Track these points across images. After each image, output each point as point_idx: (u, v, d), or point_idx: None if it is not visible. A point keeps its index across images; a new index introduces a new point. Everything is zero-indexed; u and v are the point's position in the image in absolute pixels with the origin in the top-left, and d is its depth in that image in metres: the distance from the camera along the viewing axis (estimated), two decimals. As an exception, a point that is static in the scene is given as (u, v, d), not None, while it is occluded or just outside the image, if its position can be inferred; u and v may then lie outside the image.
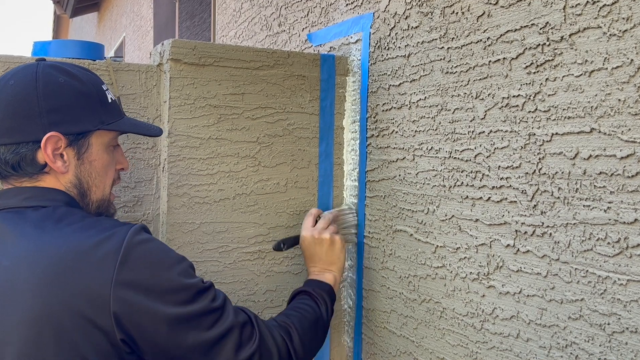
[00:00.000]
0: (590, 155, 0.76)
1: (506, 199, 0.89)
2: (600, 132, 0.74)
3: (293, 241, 1.24)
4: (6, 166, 0.87)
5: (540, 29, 0.82)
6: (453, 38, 0.99)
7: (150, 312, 0.80)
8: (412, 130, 1.11)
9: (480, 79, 0.93)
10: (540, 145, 0.83)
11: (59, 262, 0.78)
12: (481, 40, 0.93)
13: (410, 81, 1.11)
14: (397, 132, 1.16)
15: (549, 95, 0.81)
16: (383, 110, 1.20)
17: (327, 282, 1.14)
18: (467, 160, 0.97)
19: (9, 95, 0.85)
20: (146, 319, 0.80)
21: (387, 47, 1.18)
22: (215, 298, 0.88)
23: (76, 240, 0.80)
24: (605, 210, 0.74)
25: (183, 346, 0.83)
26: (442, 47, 1.02)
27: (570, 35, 0.78)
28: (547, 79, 0.82)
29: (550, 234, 0.81)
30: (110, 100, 0.95)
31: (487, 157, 0.92)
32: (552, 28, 0.81)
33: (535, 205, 0.84)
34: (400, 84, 1.14)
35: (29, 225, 0.82)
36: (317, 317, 1.05)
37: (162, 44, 1.18)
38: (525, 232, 0.85)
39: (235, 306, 0.93)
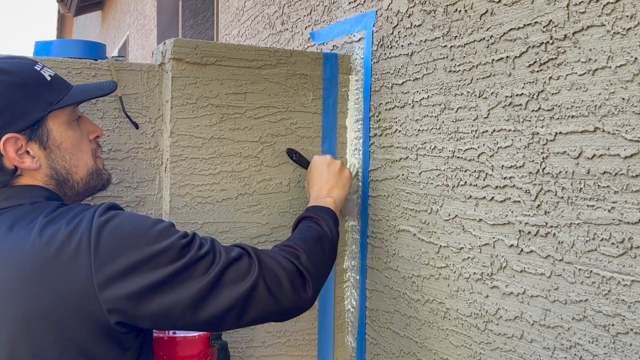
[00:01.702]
0: (594, 155, 0.75)
1: (510, 198, 0.88)
2: (604, 131, 0.74)
3: (304, 161, 1.23)
4: None
5: (544, 27, 0.82)
6: (456, 36, 0.98)
7: (139, 290, 0.79)
8: (415, 130, 1.10)
9: (483, 77, 0.93)
10: (544, 144, 0.82)
11: (36, 258, 0.77)
12: (484, 38, 0.92)
13: (413, 80, 1.10)
14: (400, 131, 1.15)
15: (552, 94, 0.81)
16: (386, 109, 1.20)
17: (326, 206, 1.10)
18: (470, 160, 0.96)
19: None
20: (138, 297, 0.79)
21: (390, 46, 1.18)
22: (203, 245, 0.85)
23: (49, 233, 0.79)
24: (609, 210, 0.73)
25: (181, 301, 0.81)
26: (445, 46, 1.01)
27: (573, 34, 0.77)
28: (550, 77, 0.81)
29: (554, 234, 0.81)
30: (49, 78, 0.90)
31: (491, 156, 0.92)
32: (555, 26, 0.80)
33: (539, 205, 0.83)
34: (403, 82, 1.14)
35: (5, 227, 0.82)
36: (321, 234, 1.02)
37: (164, 43, 1.17)
38: (529, 232, 0.85)
39: (231, 245, 0.91)
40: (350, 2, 1.34)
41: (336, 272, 1.34)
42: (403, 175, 1.14)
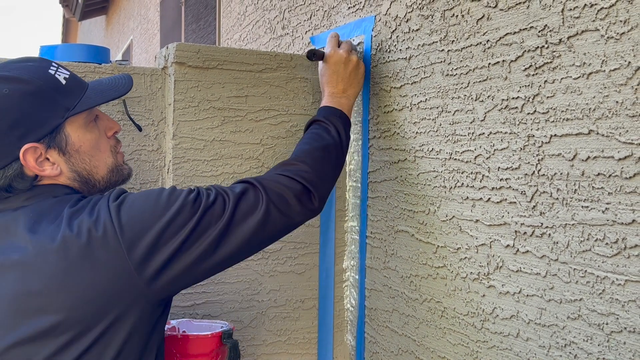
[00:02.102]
0: (589, 157, 0.76)
1: (506, 199, 0.89)
2: (598, 133, 0.75)
3: (321, 55, 1.19)
4: (0, 192, 0.86)
5: (539, 31, 0.83)
6: (453, 41, 1.00)
7: (171, 254, 0.82)
8: (413, 132, 1.12)
9: (480, 81, 0.94)
10: (539, 146, 0.83)
11: (69, 251, 0.79)
12: (481, 42, 0.94)
13: (411, 83, 1.12)
14: (398, 133, 1.17)
15: (547, 97, 0.82)
16: (384, 112, 1.21)
17: (340, 108, 1.12)
18: (467, 162, 0.97)
19: None
20: (171, 262, 0.83)
21: (388, 50, 1.19)
22: (209, 193, 0.89)
23: (76, 226, 0.81)
24: (603, 211, 0.75)
25: (209, 246, 0.85)
26: (443, 50, 1.03)
27: (568, 38, 0.79)
28: (545, 81, 0.82)
29: (550, 234, 0.82)
30: (64, 81, 0.89)
31: (487, 158, 0.93)
32: (550, 31, 0.81)
33: (534, 206, 0.84)
34: (401, 86, 1.15)
35: (32, 219, 0.83)
36: (328, 143, 1.05)
37: (167, 48, 1.19)
38: (525, 233, 0.86)
39: (233, 184, 0.95)
40: (349, 7, 1.36)
41: (335, 271, 1.35)
42: (401, 176, 1.16)
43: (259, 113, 1.24)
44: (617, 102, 0.73)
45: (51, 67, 0.89)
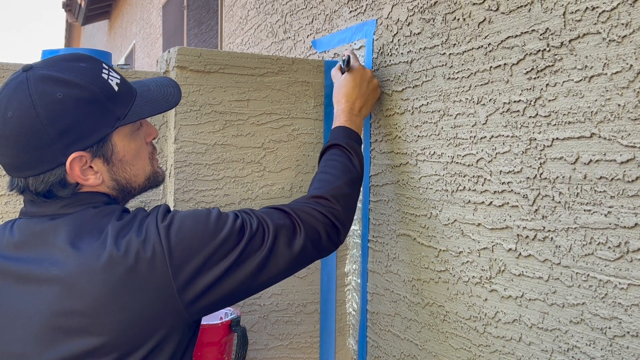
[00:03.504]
0: (591, 160, 0.76)
1: (508, 203, 0.89)
2: (600, 137, 0.75)
3: (348, 65, 1.18)
4: (38, 196, 0.84)
5: (541, 34, 0.83)
6: (455, 44, 1.00)
7: (214, 280, 0.83)
8: (414, 136, 1.12)
9: (481, 84, 0.94)
10: (541, 150, 0.83)
11: (116, 271, 0.77)
12: (482, 46, 0.94)
13: (413, 87, 1.12)
14: (400, 137, 1.16)
15: (549, 100, 0.82)
16: (386, 116, 1.21)
17: (356, 130, 1.13)
18: (469, 165, 0.97)
19: (13, 130, 0.79)
20: (213, 288, 0.83)
21: (389, 54, 1.19)
22: (251, 220, 0.89)
23: (124, 245, 0.79)
24: (605, 215, 0.74)
25: (248, 275, 0.86)
26: (444, 53, 1.03)
27: (570, 41, 0.79)
28: (547, 84, 0.82)
29: (552, 238, 0.82)
30: (117, 88, 0.86)
31: (489, 161, 0.93)
32: (552, 34, 0.81)
33: (536, 210, 0.84)
34: (403, 89, 1.15)
35: (73, 232, 0.81)
36: (354, 177, 1.06)
37: (169, 52, 1.20)
38: (527, 237, 0.86)
39: (269, 209, 0.95)
40: (351, 11, 1.36)
41: (337, 275, 1.35)
42: (403, 180, 1.16)
43: (261, 117, 1.24)
44: (619, 105, 0.72)
45: (103, 71, 0.86)
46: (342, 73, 1.18)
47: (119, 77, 0.88)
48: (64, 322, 0.77)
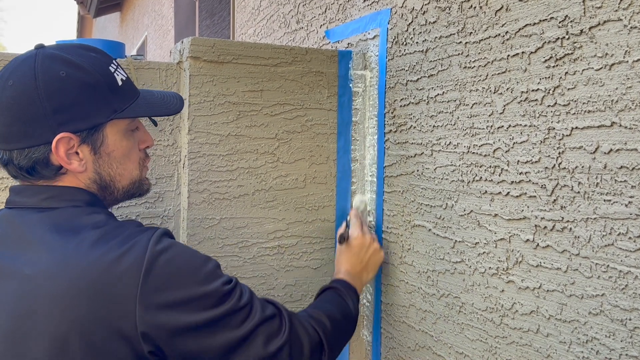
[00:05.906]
0: (611, 150, 0.75)
1: (525, 193, 0.88)
2: (621, 125, 0.74)
3: (347, 237, 1.21)
4: (21, 171, 0.83)
5: (560, 22, 0.81)
6: (471, 33, 0.99)
7: (179, 326, 0.78)
8: (430, 126, 1.11)
9: (498, 73, 0.93)
10: (560, 139, 0.82)
11: (83, 277, 0.75)
12: (499, 34, 0.92)
13: (428, 76, 1.11)
14: (415, 127, 1.15)
15: (568, 89, 0.81)
16: (401, 106, 1.20)
17: (355, 286, 1.12)
18: (485, 155, 0.96)
19: (10, 98, 0.80)
20: (175, 333, 0.79)
21: (404, 43, 1.18)
22: (242, 295, 0.86)
23: (99, 253, 0.77)
24: (626, 205, 0.73)
25: (214, 347, 0.82)
26: (460, 42, 1.01)
27: (590, 29, 0.77)
28: (566, 72, 0.81)
29: (570, 228, 0.81)
30: (120, 83, 0.87)
31: (506, 151, 0.92)
32: (571, 21, 0.80)
33: (555, 200, 0.83)
34: (418, 79, 1.14)
35: (49, 231, 0.80)
36: (347, 311, 1.05)
37: (182, 42, 1.19)
38: (545, 227, 0.85)
39: (263, 299, 0.91)
40: (364, 0, 1.34)
41: (352, 267, 1.35)
42: (418, 171, 1.15)
43: (274, 107, 1.24)
44: (640, 93, 0.71)
45: (112, 65, 0.87)
46: (341, 243, 1.20)
47: (125, 75, 0.89)
48: (23, 323, 0.76)
